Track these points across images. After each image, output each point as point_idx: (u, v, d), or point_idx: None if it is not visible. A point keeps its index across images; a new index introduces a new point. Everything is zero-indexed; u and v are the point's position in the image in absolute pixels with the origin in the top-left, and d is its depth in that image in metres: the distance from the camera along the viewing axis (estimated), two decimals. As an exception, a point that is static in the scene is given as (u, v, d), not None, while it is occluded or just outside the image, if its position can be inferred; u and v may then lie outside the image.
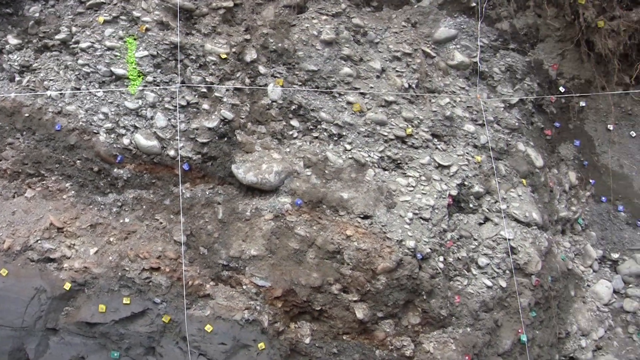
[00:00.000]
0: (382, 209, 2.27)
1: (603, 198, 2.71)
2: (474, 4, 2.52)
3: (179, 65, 2.18)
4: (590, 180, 2.70)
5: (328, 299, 2.27)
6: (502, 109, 2.55)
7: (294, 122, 2.35)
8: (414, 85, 2.44)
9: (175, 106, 2.15)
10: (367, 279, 2.26)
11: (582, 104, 2.70)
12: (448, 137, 2.46)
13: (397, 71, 2.44)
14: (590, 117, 2.73)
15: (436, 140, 2.45)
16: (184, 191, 2.19)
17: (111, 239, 2.16)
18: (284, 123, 2.33)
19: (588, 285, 2.70)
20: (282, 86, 2.31)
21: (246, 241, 2.24)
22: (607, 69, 2.69)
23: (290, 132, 2.34)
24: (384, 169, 2.36)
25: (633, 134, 2.73)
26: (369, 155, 2.37)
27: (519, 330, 2.44)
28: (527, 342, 2.44)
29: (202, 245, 2.22)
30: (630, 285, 2.72)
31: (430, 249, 2.30)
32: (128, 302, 2.13)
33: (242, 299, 2.23)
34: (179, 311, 2.16)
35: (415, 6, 2.51)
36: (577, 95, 2.68)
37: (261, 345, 2.24)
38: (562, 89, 2.66)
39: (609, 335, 2.68)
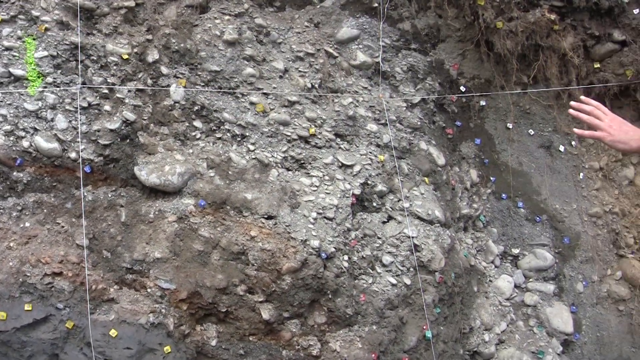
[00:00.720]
0: (286, 209, 3.92)
1: (503, 195, 4.64)
2: (375, 5, 4.26)
3: (79, 66, 3.46)
4: (491, 178, 4.61)
5: (234, 300, 3.84)
6: (404, 108, 4.36)
7: (197, 123, 3.91)
8: (317, 85, 4.13)
9: (76, 108, 3.55)
10: (273, 280, 3.87)
11: (482, 103, 4.62)
12: (351, 136, 4.19)
13: (300, 71, 4.11)
14: (490, 116, 4.66)
15: (339, 139, 4.16)
16: (85, 194, 3.62)
17: (11, 244, 3.49)
18: (187, 124, 3.87)
19: (490, 281, 4.63)
20: (184, 87, 3.85)
21: (150, 243, 3.74)
22: (506, 69, 4.61)
23: (193, 133, 3.90)
24: (288, 169, 4.01)
25: (531, 132, 4.73)
26: (273, 156, 4.01)
27: (424, 327, 4.21)
28: (432, 338, 4.20)
29: (105, 248, 3.66)
30: (531, 280, 4.72)
31: (334, 248, 3.96)
32: (30, 308, 3.51)
33: (147, 303, 3.74)
34: (82, 316, 3.59)
35: (318, 6, 4.13)
36: (478, 94, 4.59)
37: (167, 348, 3.75)
38: (462, 89, 4.53)
39: (511, 329, 4.63)
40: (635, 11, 4.53)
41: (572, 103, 2.61)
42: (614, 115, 2.56)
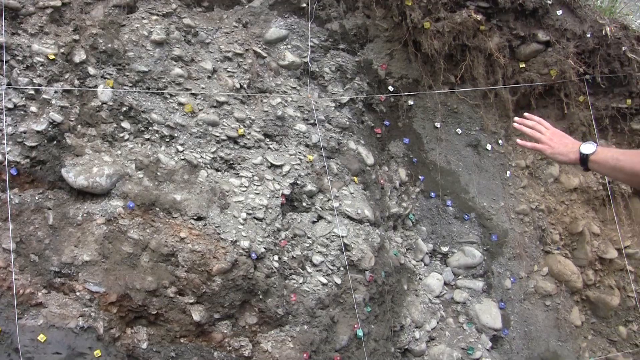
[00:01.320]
0: (215, 210, 4.56)
1: (432, 193, 5.48)
2: (304, 5, 4.95)
3: (4, 67, 4.06)
4: (420, 177, 5.42)
5: (164, 302, 4.43)
6: (333, 108, 5.09)
7: (125, 124, 4.50)
8: (245, 86, 4.79)
9: (1, 109, 4.11)
10: (203, 281, 4.49)
11: (411, 102, 5.43)
12: (280, 136, 4.89)
13: (228, 71, 4.78)
14: (418, 115, 5.50)
15: (268, 140, 4.84)
16: (12, 197, 4.15)
17: None
18: (115, 125, 4.46)
19: (420, 279, 5.44)
20: (112, 87, 4.46)
21: (78, 246, 4.31)
22: (434, 69, 5.44)
23: (122, 135, 4.50)
24: (217, 170, 4.65)
25: (459, 131, 5.59)
26: (202, 157, 4.65)
27: (355, 326, 4.89)
28: (363, 336, 4.90)
29: (33, 252, 4.20)
30: (460, 277, 5.57)
31: (264, 248, 4.60)
32: (-45, 314, 4.04)
33: (76, 306, 4.30)
34: (10, 322, 4.10)
35: (247, 6, 4.82)
36: (406, 94, 5.38)
37: (97, 352, 4.31)
38: (391, 88, 5.31)
39: (441, 326, 5.45)
40: (559, 12, 5.42)
41: (516, 118, 3.31)
42: (555, 129, 3.22)
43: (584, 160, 2.95)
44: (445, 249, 5.38)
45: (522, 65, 5.41)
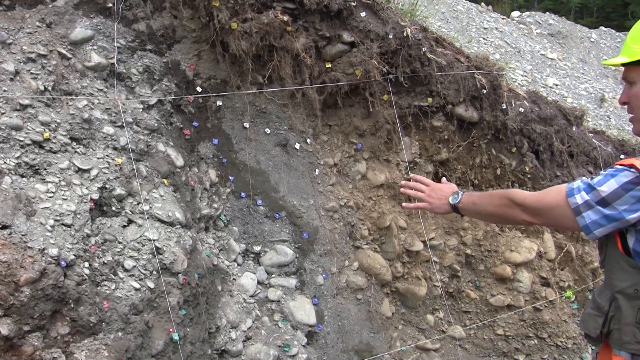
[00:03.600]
0: (21, 217, 5.02)
1: (242, 194, 6.32)
2: (110, 5, 5.52)
3: None
4: (230, 177, 6.25)
5: None
6: (141, 110, 5.73)
7: None
8: (50, 88, 5.29)
9: None
10: (10, 292, 4.90)
11: (219, 103, 6.22)
12: (87, 140, 5.44)
13: (32, 73, 5.25)
14: (227, 115, 6.31)
15: (75, 143, 5.34)
16: None
17: None
18: None
19: (234, 279, 6.26)
20: None
21: None
22: (242, 69, 6.27)
23: None
24: (22, 176, 5.09)
25: (268, 130, 6.48)
26: (5, 162, 5.07)
27: (170, 330, 5.54)
28: (179, 340, 5.58)
29: None
30: (273, 276, 6.45)
31: (74, 255, 5.09)
32: None
33: None
34: None
35: (50, 6, 5.30)
36: (214, 94, 6.18)
37: None
38: (199, 89, 6.05)
39: (257, 325, 6.29)
40: (363, 14, 6.44)
41: (402, 183, 4.05)
42: (434, 184, 3.87)
43: (455, 209, 3.70)
44: (257, 248, 6.23)
45: (328, 65, 6.35)
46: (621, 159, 4.09)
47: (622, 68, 3.32)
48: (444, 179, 4.10)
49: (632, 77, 3.22)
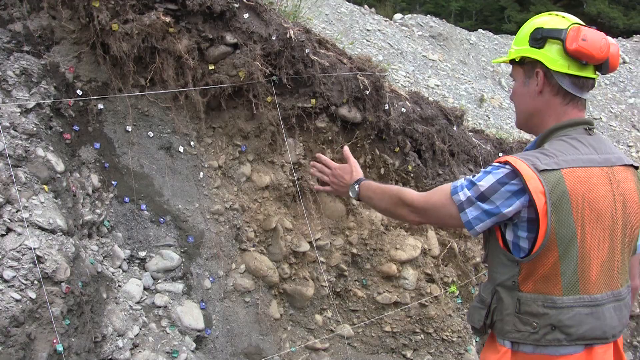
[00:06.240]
0: None
1: (126, 198, 6.33)
2: None
3: None
4: (113, 182, 6.30)
5: None
6: (19, 114, 5.66)
7: None
8: None
9: None
10: None
11: (100, 106, 6.21)
12: (-39, 147, 5.42)
13: None
14: (109, 119, 6.32)
15: None
16: None
17: None
18: None
19: (119, 286, 6.27)
20: None
21: None
22: (123, 72, 6.29)
23: None
24: None
25: (151, 134, 6.54)
26: None
27: (54, 341, 5.54)
28: (64, 351, 5.59)
29: None
30: (160, 281, 6.51)
31: None
32: None
33: None
34: None
35: None
36: (95, 97, 6.19)
37: None
38: (79, 92, 6.03)
39: (144, 332, 6.33)
40: (246, 16, 6.59)
41: (312, 163, 4.25)
42: (336, 168, 4.13)
43: (358, 198, 3.97)
44: (142, 253, 6.27)
45: (212, 67, 6.47)
46: (499, 157, 4.45)
47: (508, 67, 3.72)
48: (345, 147, 4.34)
49: (513, 75, 3.60)
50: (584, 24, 3.50)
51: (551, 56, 3.42)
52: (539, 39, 3.43)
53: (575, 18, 3.55)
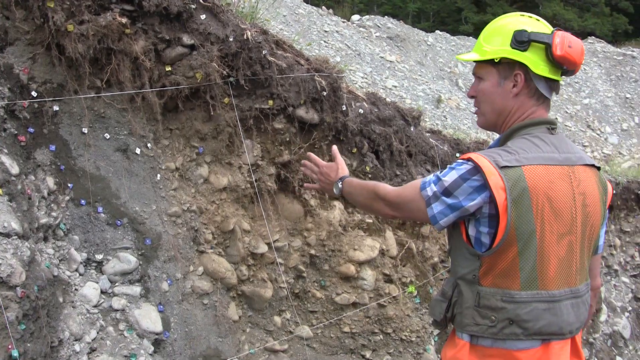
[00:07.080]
0: None
1: (82, 201, 6.33)
2: None
3: None
4: (69, 185, 6.30)
5: None
6: (-28, 116, 5.71)
7: None
8: None
9: None
10: None
11: (56, 108, 6.21)
12: None
13: None
14: (64, 121, 6.31)
15: None
16: None
17: None
18: None
19: (76, 290, 6.26)
20: None
21: None
22: (79, 73, 6.29)
23: None
24: None
25: (107, 136, 6.53)
26: None
27: (9, 346, 5.54)
28: (19, 356, 5.56)
29: None
30: (117, 284, 6.51)
31: None
32: None
33: None
34: None
35: None
36: (50, 99, 6.18)
37: None
38: (34, 94, 6.05)
39: (102, 336, 6.33)
40: (202, 17, 6.62)
41: (303, 162, 4.41)
42: (323, 166, 4.28)
43: (341, 195, 4.11)
44: (99, 256, 6.26)
45: (169, 68, 6.49)
46: (457, 157, 4.58)
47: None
48: (334, 147, 4.54)
49: (482, 74, 3.67)
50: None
51: (535, 60, 3.49)
52: (524, 41, 3.46)
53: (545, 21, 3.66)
